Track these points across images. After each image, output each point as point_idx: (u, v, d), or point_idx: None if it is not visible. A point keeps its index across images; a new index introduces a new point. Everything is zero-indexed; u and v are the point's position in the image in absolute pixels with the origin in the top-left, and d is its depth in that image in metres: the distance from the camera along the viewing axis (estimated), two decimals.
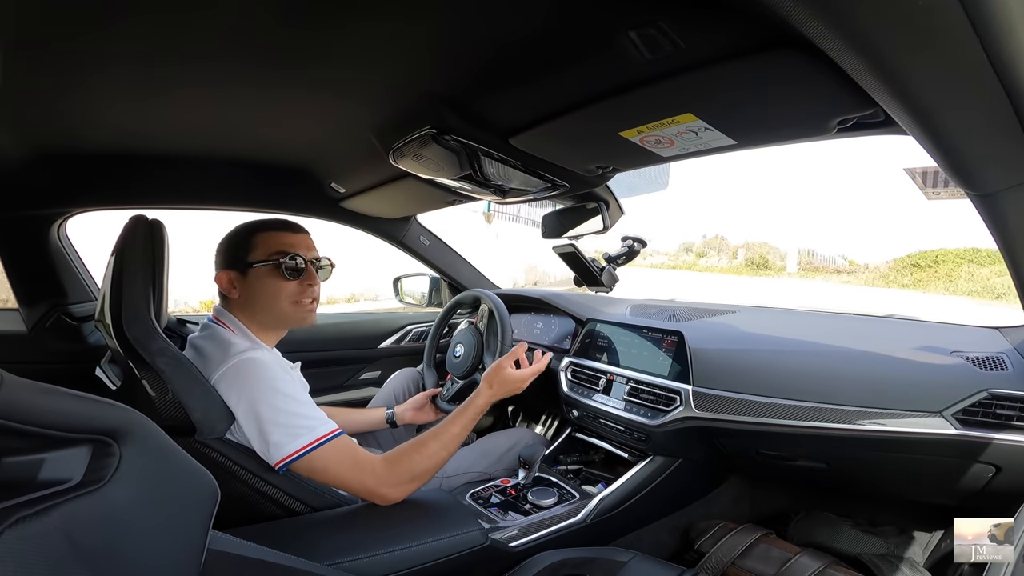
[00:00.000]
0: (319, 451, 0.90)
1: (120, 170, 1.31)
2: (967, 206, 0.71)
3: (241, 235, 1.03)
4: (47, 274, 1.49)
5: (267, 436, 0.88)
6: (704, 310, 1.57)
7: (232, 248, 1.02)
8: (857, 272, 19.97)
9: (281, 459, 0.88)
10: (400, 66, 0.78)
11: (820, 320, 1.48)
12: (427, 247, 1.99)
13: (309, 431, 0.90)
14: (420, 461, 0.97)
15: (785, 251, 22.55)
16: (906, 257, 18.92)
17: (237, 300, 1.02)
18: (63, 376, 0.88)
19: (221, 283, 1.02)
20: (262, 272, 1.00)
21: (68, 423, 0.39)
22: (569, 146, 0.98)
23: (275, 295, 1.01)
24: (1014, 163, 0.60)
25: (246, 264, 1.00)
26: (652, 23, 0.57)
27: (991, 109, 0.51)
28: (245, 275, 1.01)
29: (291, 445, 0.89)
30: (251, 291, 1.01)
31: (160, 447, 0.47)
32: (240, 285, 1.01)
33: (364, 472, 0.93)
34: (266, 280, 1.00)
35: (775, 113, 0.72)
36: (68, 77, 0.81)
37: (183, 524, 0.46)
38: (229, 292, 1.02)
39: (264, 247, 1.01)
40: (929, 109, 0.54)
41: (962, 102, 0.52)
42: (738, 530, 1.25)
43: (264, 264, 1.00)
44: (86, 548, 0.37)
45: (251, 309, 1.02)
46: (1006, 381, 0.96)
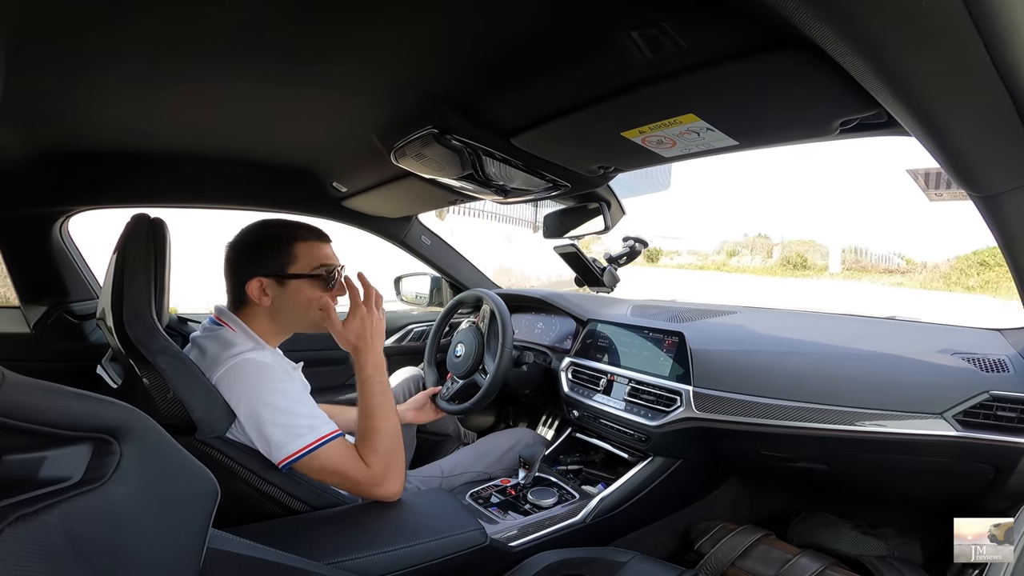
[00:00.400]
0: (321, 450, 0.90)
1: (123, 169, 1.31)
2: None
3: (279, 244, 1.00)
4: (49, 272, 1.49)
5: (269, 436, 0.89)
6: (705, 311, 1.57)
7: (269, 256, 1.00)
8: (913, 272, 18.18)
9: (284, 458, 0.89)
10: (403, 66, 0.78)
11: (821, 321, 1.47)
12: (428, 247, 1.99)
13: (311, 431, 0.91)
14: (379, 441, 0.96)
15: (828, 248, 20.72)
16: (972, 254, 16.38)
17: (263, 307, 1.00)
18: (64, 374, 0.89)
19: (252, 290, 0.99)
20: (303, 284, 1.00)
21: (69, 421, 0.39)
22: (571, 146, 0.98)
23: (310, 305, 1.01)
24: (1016, 165, 0.60)
25: (287, 275, 0.99)
26: (654, 23, 0.57)
27: (994, 111, 0.51)
28: (283, 284, 0.99)
29: (293, 445, 0.89)
30: (285, 300, 1.00)
31: (160, 445, 0.47)
32: (273, 293, 1.00)
33: (358, 478, 0.93)
34: (306, 291, 1.00)
35: (777, 114, 0.72)
36: (73, 75, 0.81)
37: (183, 522, 0.46)
38: (260, 299, 0.99)
39: (307, 259, 1.00)
40: (932, 110, 0.54)
41: (965, 103, 0.52)
42: (738, 531, 1.25)
43: (307, 277, 1.00)
44: (86, 546, 0.37)
45: (279, 316, 1.01)
46: (1007, 383, 0.96)
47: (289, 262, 1.00)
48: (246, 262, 1.01)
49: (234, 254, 1.03)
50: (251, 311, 1.01)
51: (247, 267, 1.00)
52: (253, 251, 1.01)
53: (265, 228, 1.04)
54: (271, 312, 1.01)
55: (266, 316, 1.01)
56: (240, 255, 1.02)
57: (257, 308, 1.01)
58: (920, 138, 0.60)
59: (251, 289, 0.99)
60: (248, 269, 1.00)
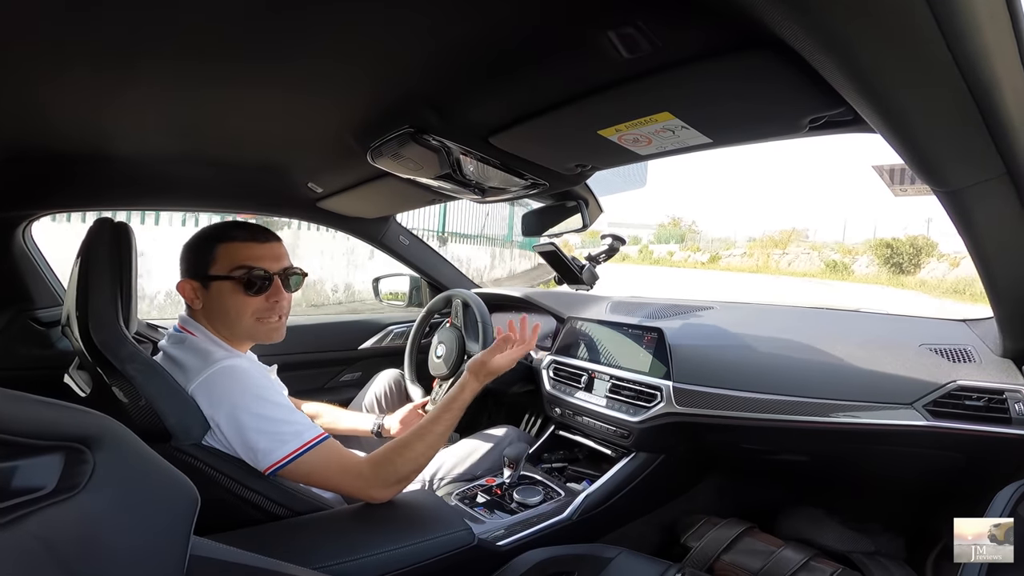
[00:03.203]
0: (307, 456, 0.89)
1: (86, 171, 1.27)
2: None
3: (202, 244, 0.97)
4: (12, 278, 1.44)
5: (254, 444, 0.87)
6: (683, 307, 1.59)
7: (193, 257, 0.97)
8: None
9: (270, 465, 0.87)
10: (378, 64, 0.77)
11: (795, 315, 1.51)
12: (407, 247, 1.97)
13: (296, 436, 0.89)
14: (404, 463, 0.95)
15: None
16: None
17: (201, 311, 0.98)
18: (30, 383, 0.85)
19: (184, 292, 0.97)
20: (224, 287, 0.95)
21: (39, 430, 0.38)
22: (548, 145, 0.99)
23: (239, 311, 0.96)
24: (979, 160, 0.62)
25: (207, 277, 0.95)
26: (631, 23, 0.58)
27: (956, 107, 0.53)
28: (207, 288, 0.96)
29: (279, 451, 0.87)
30: (213, 304, 0.96)
31: (135, 453, 0.46)
32: (203, 296, 0.97)
33: (351, 475, 0.92)
34: (229, 295, 0.95)
35: (749, 112, 0.74)
36: (30, 75, 0.78)
37: (163, 530, 0.45)
38: (192, 302, 0.97)
39: (226, 259, 0.95)
40: (895, 107, 0.55)
41: (927, 100, 0.54)
42: (723, 524, 1.27)
43: (226, 279, 0.95)
44: (64, 556, 0.36)
45: (215, 322, 0.98)
46: (973, 373, 0.99)
47: (209, 263, 0.95)
48: (181, 264, 0.99)
49: (179, 259, 1.00)
50: (196, 316, 0.99)
51: (181, 269, 0.99)
52: (184, 251, 0.99)
53: (203, 229, 1.00)
54: (208, 316, 0.98)
55: (204, 320, 0.98)
56: (180, 259, 1.00)
57: (198, 313, 0.98)
58: (884, 134, 0.61)
59: (183, 291, 0.97)
60: (181, 270, 0.98)
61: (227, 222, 1.02)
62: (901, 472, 1.17)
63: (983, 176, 0.65)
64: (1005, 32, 0.47)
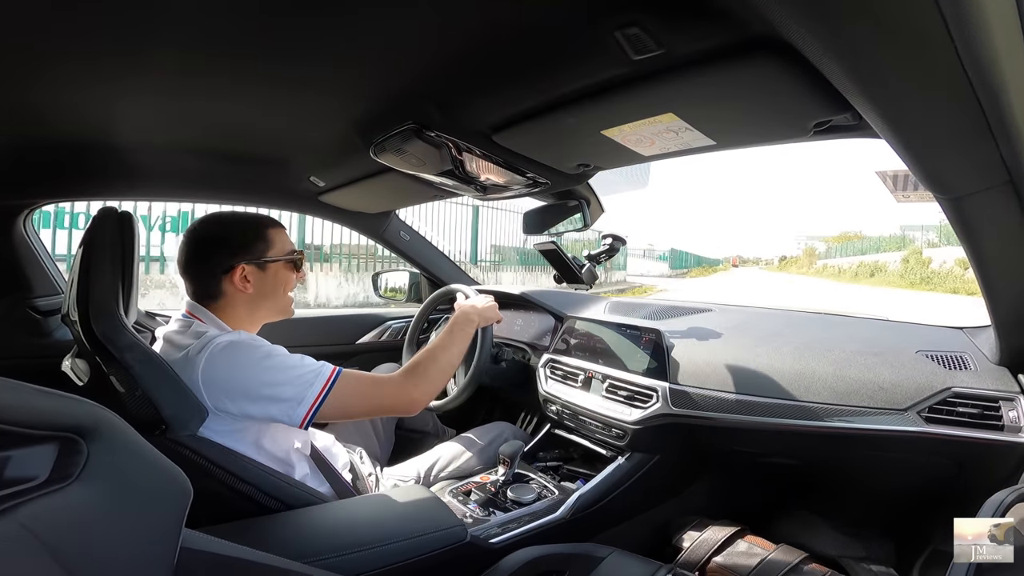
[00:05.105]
0: (337, 389, 0.93)
1: (89, 161, 1.26)
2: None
3: (258, 231, 1.04)
4: (12, 267, 1.44)
5: (280, 396, 0.90)
6: (681, 308, 1.59)
7: (250, 243, 1.02)
8: None
9: (307, 412, 0.90)
10: (383, 61, 0.77)
11: (792, 319, 1.51)
12: (408, 243, 1.97)
13: (317, 375, 0.93)
14: (432, 370, 1.06)
15: None
16: None
17: (243, 296, 1.01)
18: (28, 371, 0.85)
19: (235, 279, 1.00)
20: (280, 267, 1.05)
21: (34, 420, 0.38)
22: (552, 144, 0.99)
23: (284, 287, 1.07)
24: (982, 167, 0.62)
25: (267, 260, 1.03)
26: (638, 24, 0.57)
27: (962, 114, 0.53)
28: (264, 270, 1.03)
29: (309, 394, 0.91)
30: (266, 285, 1.03)
31: (129, 444, 0.46)
32: (254, 279, 1.01)
33: (387, 384, 1.01)
34: (282, 274, 1.06)
35: (754, 115, 0.74)
36: (30, 66, 0.78)
37: (155, 522, 0.45)
38: (243, 287, 1.00)
39: (280, 244, 1.06)
40: (901, 113, 0.55)
41: (933, 106, 0.54)
42: (715, 526, 1.27)
43: (282, 260, 1.05)
44: (55, 546, 0.36)
45: (260, 302, 1.04)
46: (968, 380, 0.99)
47: (268, 247, 1.04)
48: (224, 254, 1.00)
49: (204, 249, 1.01)
50: (226, 303, 1.01)
51: (226, 258, 1.00)
52: (232, 241, 1.01)
53: (235, 218, 1.07)
54: (251, 300, 1.02)
55: (244, 305, 1.02)
56: (214, 248, 1.01)
57: (234, 298, 1.01)
58: (889, 139, 0.61)
59: (234, 278, 1.00)
60: (228, 260, 1.00)
61: (249, 213, 1.10)
62: (893, 477, 1.17)
63: (986, 184, 0.65)
64: (1015, 38, 0.46)
